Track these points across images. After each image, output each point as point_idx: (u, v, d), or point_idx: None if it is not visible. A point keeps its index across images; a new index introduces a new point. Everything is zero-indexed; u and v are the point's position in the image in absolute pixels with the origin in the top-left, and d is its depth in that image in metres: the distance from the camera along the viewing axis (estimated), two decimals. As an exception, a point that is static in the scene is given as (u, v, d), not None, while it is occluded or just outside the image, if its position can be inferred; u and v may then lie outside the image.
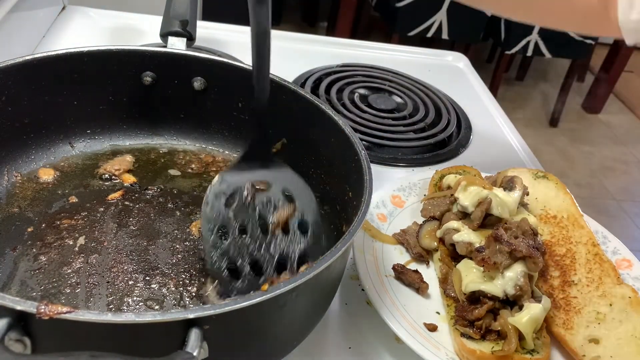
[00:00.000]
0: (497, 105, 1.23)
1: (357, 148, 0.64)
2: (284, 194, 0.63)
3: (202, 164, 0.78)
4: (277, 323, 0.50)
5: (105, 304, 0.58)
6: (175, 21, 0.81)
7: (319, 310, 0.58)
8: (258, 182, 0.64)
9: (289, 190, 0.64)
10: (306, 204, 0.64)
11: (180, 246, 0.66)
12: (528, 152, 1.07)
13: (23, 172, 0.71)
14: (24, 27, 1.03)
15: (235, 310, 0.43)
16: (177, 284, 0.61)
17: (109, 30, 1.19)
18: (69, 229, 0.65)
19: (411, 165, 0.97)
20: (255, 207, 0.62)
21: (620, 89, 3.87)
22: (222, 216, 0.60)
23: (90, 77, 0.72)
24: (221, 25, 1.30)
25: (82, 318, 0.40)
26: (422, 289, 0.70)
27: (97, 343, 0.42)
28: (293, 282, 0.46)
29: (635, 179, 3.22)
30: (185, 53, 0.75)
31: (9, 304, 0.39)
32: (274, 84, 0.73)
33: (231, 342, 0.47)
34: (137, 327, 0.41)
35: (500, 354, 0.60)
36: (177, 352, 0.41)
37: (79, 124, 0.75)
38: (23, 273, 0.59)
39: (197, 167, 0.78)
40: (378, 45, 1.39)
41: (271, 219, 0.61)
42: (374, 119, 1.06)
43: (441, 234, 0.74)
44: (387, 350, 0.66)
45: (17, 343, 0.40)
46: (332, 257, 0.49)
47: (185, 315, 0.41)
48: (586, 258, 0.74)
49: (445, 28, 2.91)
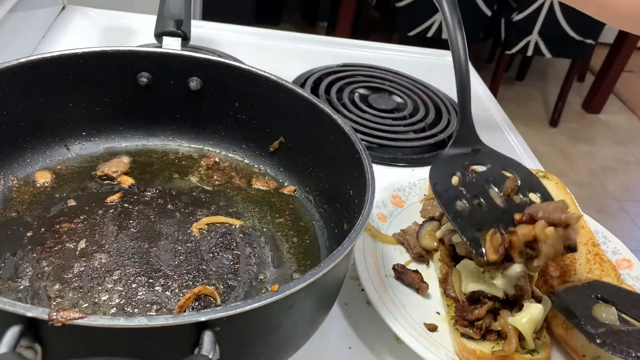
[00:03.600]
0: (497, 105, 1.23)
1: (358, 147, 0.63)
2: (501, 169, 0.69)
3: (200, 165, 0.78)
4: (285, 323, 0.50)
5: (110, 307, 0.57)
6: (169, 21, 0.80)
7: (325, 310, 0.58)
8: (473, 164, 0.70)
9: (507, 167, 0.70)
10: (526, 174, 0.68)
11: (182, 247, 0.65)
12: (528, 152, 1.07)
13: (19, 176, 0.70)
14: (23, 27, 1.03)
15: (245, 312, 0.43)
16: (181, 286, 0.61)
17: (109, 30, 1.18)
18: (69, 233, 0.65)
19: (411, 165, 0.97)
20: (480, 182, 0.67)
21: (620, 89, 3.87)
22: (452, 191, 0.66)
23: (86, 78, 0.72)
24: (219, 25, 1.30)
25: (95, 323, 0.39)
26: (422, 289, 0.70)
27: (108, 348, 0.42)
28: (302, 282, 0.46)
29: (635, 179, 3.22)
30: (180, 53, 0.75)
31: (20, 311, 0.39)
32: (274, 84, 0.73)
33: (240, 343, 0.47)
34: (149, 331, 0.41)
35: (500, 354, 0.60)
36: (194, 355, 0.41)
37: (75, 126, 0.75)
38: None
39: (195, 167, 0.78)
40: (378, 45, 1.39)
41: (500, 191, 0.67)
42: (374, 119, 1.06)
43: (441, 235, 0.74)
44: (387, 350, 0.66)
45: (27, 350, 0.39)
46: (339, 256, 0.49)
47: (197, 317, 0.41)
48: (586, 258, 0.73)
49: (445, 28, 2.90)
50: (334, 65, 1.21)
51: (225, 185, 0.76)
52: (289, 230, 0.71)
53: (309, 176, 0.75)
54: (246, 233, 0.69)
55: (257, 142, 0.79)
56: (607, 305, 0.62)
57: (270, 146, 0.78)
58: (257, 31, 1.31)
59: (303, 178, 0.76)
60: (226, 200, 0.73)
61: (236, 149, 0.80)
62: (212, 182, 0.76)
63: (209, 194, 0.74)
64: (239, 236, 0.69)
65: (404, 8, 2.85)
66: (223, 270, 0.64)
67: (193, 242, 0.67)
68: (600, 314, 0.61)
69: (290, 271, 0.65)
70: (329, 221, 0.71)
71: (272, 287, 0.63)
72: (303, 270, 0.65)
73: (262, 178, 0.78)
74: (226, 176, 0.77)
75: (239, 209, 0.73)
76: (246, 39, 1.27)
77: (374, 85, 1.17)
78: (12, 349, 0.38)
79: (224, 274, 0.63)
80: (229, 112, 0.78)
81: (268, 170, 0.79)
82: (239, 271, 0.64)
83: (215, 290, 0.60)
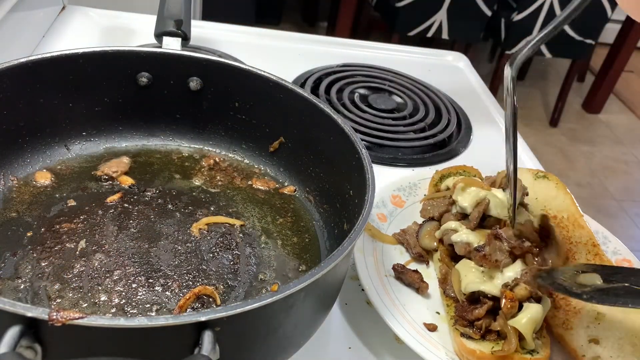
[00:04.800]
0: (497, 105, 1.23)
1: (358, 147, 0.64)
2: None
3: (200, 165, 0.78)
4: (285, 323, 0.50)
5: (110, 307, 0.57)
6: (169, 21, 0.80)
7: (325, 310, 0.58)
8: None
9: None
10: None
11: (182, 248, 0.65)
12: (528, 152, 1.07)
13: (19, 176, 0.70)
14: (24, 27, 1.03)
15: (245, 312, 0.43)
16: (181, 286, 0.61)
17: (109, 30, 1.18)
18: (69, 233, 0.65)
19: (411, 165, 0.97)
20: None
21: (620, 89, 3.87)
22: None
23: (86, 78, 0.72)
24: (219, 25, 1.30)
25: (95, 323, 0.39)
26: (422, 289, 0.70)
27: (108, 348, 0.42)
28: (302, 282, 0.46)
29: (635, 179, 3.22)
30: (180, 53, 0.75)
31: (20, 311, 0.39)
32: (274, 84, 0.73)
33: (240, 343, 0.47)
34: (149, 331, 0.41)
35: (500, 354, 0.60)
36: (194, 355, 0.41)
37: (75, 126, 0.75)
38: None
39: (195, 168, 0.78)
40: (378, 45, 1.39)
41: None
42: (374, 119, 1.06)
43: (440, 235, 0.74)
44: (387, 350, 0.66)
45: (27, 350, 0.40)
46: (339, 256, 0.49)
47: (197, 317, 0.41)
48: (586, 258, 0.73)
49: (445, 28, 2.91)
50: (334, 65, 1.21)
51: (226, 185, 0.76)
52: (289, 230, 0.71)
53: (309, 176, 0.75)
54: (246, 233, 0.69)
55: (257, 142, 0.79)
56: (591, 274, 0.62)
57: (270, 146, 0.78)
58: (257, 31, 1.31)
59: (303, 178, 0.76)
60: (226, 200, 0.73)
61: (236, 149, 0.80)
62: (212, 182, 0.76)
63: (209, 194, 0.74)
64: (239, 236, 0.69)
65: (404, 8, 2.85)
66: (223, 270, 0.64)
67: (193, 242, 0.67)
68: (585, 280, 0.61)
69: (290, 271, 0.65)
70: (329, 221, 0.71)
71: (272, 287, 0.63)
72: (303, 271, 0.65)
73: (262, 178, 0.78)
74: (226, 176, 0.77)
75: (239, 209, 0.73)
76: (246, 39, 1.27)
77: (374, 85, 1.17)
78: (12, 349, 0.38)
79: (224, 274, 0.63)
80: (229, 112, 0.78)
81: (268, 170, 0.79)
82: (239, 271, 0.64)
83: (215, 290, 0.60)
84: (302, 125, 0.74)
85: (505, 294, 0.62)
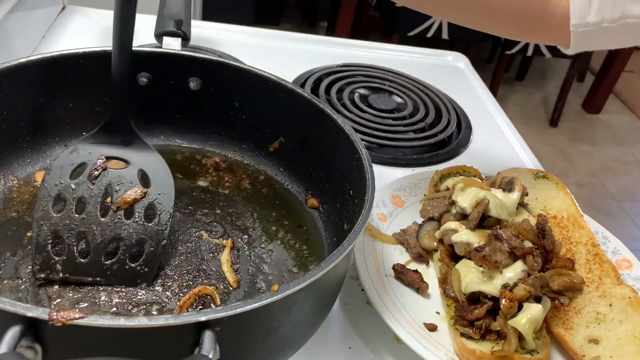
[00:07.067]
0: (497, 105, 1.23)
1: (358, 146, 0.64)
2: (140, 176, 0.61)
3: (200, 165, 0.78)
4: (285, 323, 0.50)
5: (110, 307, 0.57)
6: (169, 21, 0.80)
7: (325, 310, 0.58)
8: (113, 158, 0.62)
9: (147, 172, 0.61)
10: (162, 189, 0.61)
11: (182, 248, 0.65)
12: (528, 152, 1.07)
13: (19, 176, 0.70)
14: (24, 27, 1.03)
15: (245, 312, 0.43)
16: (181, 286, 0.61)
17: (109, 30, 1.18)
18: (69, 232, 0.65)
19: (411, 165, 0.97)
20: (103, 183, 0.60)
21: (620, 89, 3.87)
22: (63, 186, 0.58)
23: (86, 78, 0.71)
24: (219, 25, 1.30)
25: (95, 323, 0.39)
26: (422, 289, 0.70)
27: (108, 348, 0.42)
28: (302, 282, 0.46)
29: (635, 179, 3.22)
30: (180, 53, 0.75)
31: (20, 311, 0.39)
32: (274, 84, 0.73)
33: (241, 343, 0.47)
34: (149, 331, 0.41)
35: (500, 354, 0.60)
36: (194, 355, 0.41)
37: (75, 126, 0.74)
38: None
39: (195, 168, 0.78)
40: (378, 45, 1.39)
41: (115, 199, 0.59)
42: (374, 119, 1.06)
43: (440, 235, 0.74)
44: (387, 350, 0.66)
45: (27, 350, 0.40)
46: (339, 256, 0.49)
47: (197, 317, 0.41)
48: (586, 258, 0.73)
49: (445, 28, 2.91)
50: (334, 65, 1.21)
51: (226, 185, 0.76)
52: (289, 230, 0.71)
53: (309, 176, 0.75)
54: (246, 233, 0.69)
55: (257, 142, 0.79)
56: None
57: (270, 146, 0.78)
58: (257, 31, 1.31)
59: (303, 178, 0.76)
60: (226, 200, 0.73)
61: (236, 149, 0.80)
62: (212, 182, 0.76)
63: (209, 194, 0.74)
64: (240, 236, 0.69)
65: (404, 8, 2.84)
66: (223, 270, 0.64)
67: (193, 242, 0.67)
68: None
69: (290, 271, 0.65)
70: (328, 221, 0.71)
71: (272, 287, 0.63)
72: (303, 270, 0.66)
73: (262, 178, 0.78)
74: (226, 176, 0.77)
75: (238, 208, 0.73)
76: (246, 39, 1.27)
77: (374, 85, 1.17)
78: (12, 349, 0.38)
79: (224, 274, 0.63)
80: (229, 112, 0.78)
81: (268, 170, 0.79)
82: (239, 271, 0.64)
83: (215, 290, 0.60)
84: (302, 125, 0.74)
85: (504, 294, 0.62)
